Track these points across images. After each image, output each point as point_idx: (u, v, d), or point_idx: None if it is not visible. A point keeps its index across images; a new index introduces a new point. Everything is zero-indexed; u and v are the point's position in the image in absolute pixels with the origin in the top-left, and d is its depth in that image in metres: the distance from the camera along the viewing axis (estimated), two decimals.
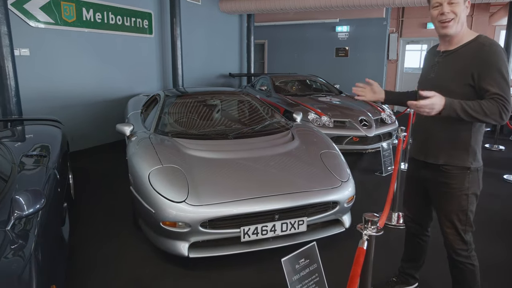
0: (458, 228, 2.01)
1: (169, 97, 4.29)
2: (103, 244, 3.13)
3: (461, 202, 1.98)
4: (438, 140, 1.98)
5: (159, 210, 2.64)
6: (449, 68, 1.90)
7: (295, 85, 7.97)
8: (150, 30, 6.99)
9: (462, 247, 2.03)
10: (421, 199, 2.23)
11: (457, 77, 1.86)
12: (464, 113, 1.75)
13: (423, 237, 2.36)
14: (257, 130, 3.79)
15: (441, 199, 2.05)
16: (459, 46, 1.90)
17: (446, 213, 2.03)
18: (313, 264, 2.28)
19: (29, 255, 1.65)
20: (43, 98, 5.19)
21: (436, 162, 1.99)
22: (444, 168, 1.98)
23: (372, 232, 1.43)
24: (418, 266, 2.46)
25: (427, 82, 2.03)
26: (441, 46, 1.99)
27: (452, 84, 1.87)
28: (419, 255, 2.42)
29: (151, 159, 3.00)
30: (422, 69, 2.20)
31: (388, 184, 4.71)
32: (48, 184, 2.45)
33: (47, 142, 3.26)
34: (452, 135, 1.94)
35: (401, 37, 11.00)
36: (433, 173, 2.04)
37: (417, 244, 2.38)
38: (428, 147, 2.04)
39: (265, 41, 12.05)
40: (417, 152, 2.12)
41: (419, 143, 2.11)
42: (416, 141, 2.16)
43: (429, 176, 2.07)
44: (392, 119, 6.38)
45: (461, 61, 1.86)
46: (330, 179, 3.05)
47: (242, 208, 2.64)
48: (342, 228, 3.07)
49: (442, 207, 2.06)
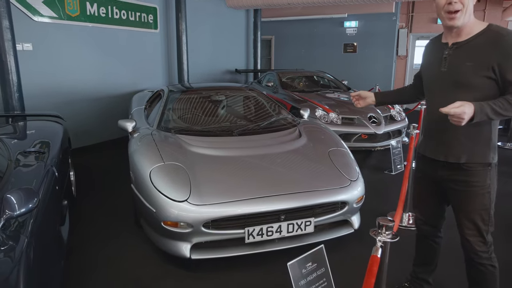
0: (481, 228, 1.89)
1: (173, 93, 4.18)
2: (104, 244, 3.05)
3: (483, 200, 1.87)
4: (459, 138, 1.86)
5: (160, 210, 2.54)
6: (463, 61, 1.78)
7: (302, 81, 7.83)
8: (155, 25, 6.89)
9: (483, 249, 1.92)
10: (433, 199, 2.11)
11: (473, 69, 1.75)
12: (495, 114, 1.66)
13: (436, 239, 2.24)
14: (263, 126, 3.67)
15: (462, 199, 1.93)
16: (470, 37, 1.78)
17: (467, 214, 1.91)
18: (321, 268, 2.16)
19: (19, 257, 1.55)
20: (46, 94, 5.11)
21: (458, 161, 1.87)
22: (466, 166, 1.86)
23: (386, 238, 1.31)
24: (431, 270, 2.34)
25: (438, 77, 1.90)
26: (448, 38, 1.87)
27: (468, 77, 1.77)
28: (432, 258, 2.30)
29: (153, 156, 2.89)
30: (424, 63, 2.06)
31: (398, 183, 4.58)
32: (45, 181, 2.36)
33: (47, 139, 3.18)
34: (473, 132, 1.82)
35: (411, 33, 10.78)
36: (452, 172, 1.92)
37: (430, 247, 2.26)
38: (448, 146, 1.90)
39: (272, 36, 11.90)
40: (435, 152, 1.97)
41: (436, 142, 1.97)
42: (432, 140, 2.01)
43: (447, 176, 1.95)
44: (402, 116, 6.22)
45: (477, 52, 1.74)
46: (338, 178, 2.92)
47: (246, 208, 2.52)
48: (351, 229, 2.95)
49: (462, 208, 1.94)
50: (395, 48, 10.59)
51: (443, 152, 1.92)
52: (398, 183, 4.61)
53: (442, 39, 1.92)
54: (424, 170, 2.09)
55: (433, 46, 2.01)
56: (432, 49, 2.01)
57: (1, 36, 4.17)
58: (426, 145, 2.05)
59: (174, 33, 7.24)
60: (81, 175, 4.50)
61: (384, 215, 3.55)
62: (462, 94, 1.74)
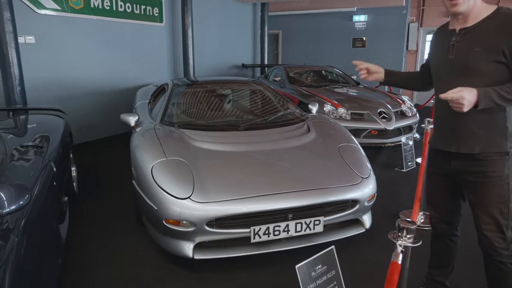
0: (501, 223, 1.76)
1: (177, 86, 4.06)
2: (105, 241, 2.94)
3: (502, 192, 1.75)
4: (471, 127, 1.76)
5: (162, 207, 2.42)
6: (472, 46, 1.71)
7: (310, 76, 7.67)
8: (161, 18, 6.77)
9: (503, 246, 1.78)
10: (448, 195, 2.00)
11: (482, 54, 1.68)
12: (502, 99, 1.60)
13: (453, 238, 2.10)
14: (270, 121, 3.53)
15: (478, 192, 1.81)
16: (478, 21, 1.71)
17: (484, 207, 1.79)
18: (331, 271, 2.03)
19: (6, 257, 1.44)
20: (49, 88, 5.02)
21: (471, 151, 1.77)
22: (481, 156, 1.76)
23: (408, 242, 1.17)
24: (448, 272, 2.19)
25: (446, 64, 1.81)
26: (455, 24, 1.79)
27: (477, 63, 1.69)
28: (449, 259, 2.16)
29: (155, 151, 2.78)
30: (432, 52, 1.97)
31: (409, 181, 4.44)
32: (42, 177, 2.25)
33: (47, 133, 3.08)
34: (486, 120, 1.74)
35: (421, 27, 10.53)
36: (467, 163, 1.81)
37: (446, 247, 2.12)
38: (460, 136, 1.80)
39: (279, 31, 11.72)
40: (446, 143, 1.87)
41: (447, 133, 1.87)
42: (443, 131, 1.91)
43: (461, 168, 1.84)
44: (413, 111, 6.03)
45: (486, 37, 1.67)
46: (349, 175, 2.78)
47: (252, 206, 2.39)
48: (362, 228, 2.81)
49: (479, 201, 1.82)
50: (405, 42, 10.35)
51: (455, 143, 1.82)
52: (409, 180, 4.47)
53: (450, 26, 1.84)
54: (437, 164, 1.98)
55: (440, 34, 1.93)
56: (440, 37, 1.93)
57: (2, 28, 4.08)
58: (438, 137, 1.95)
59: (180, 27, 7.11)
60: (84, 171, 4.41)
61: (396, 214, 3.44)
62: (471, 81, 1.66)
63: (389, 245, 2.85)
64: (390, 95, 6.50)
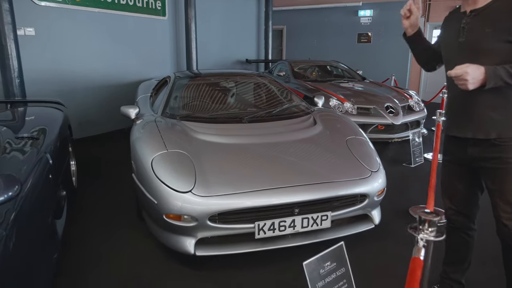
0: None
1: (179, 79, 3.95)
2: (105, 237, 2.84)
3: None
4: (486, 112, 1.70)
5: (162, 201, 2.31)
6: (482, 27, 1.69)
7: (315, 71, 7.53)
8: (164, 12, 6.66)
9: None
10: (465, 185, 1.91)
11: (493, 34, 1.65)
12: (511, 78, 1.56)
13: (470, 232, 1.99)
14: (274, 113, 3.41)
15: (497, 179, 1.74)
16: (488, 2, 1.69)
17: (502, 195, 1.72)
18: (340, 268, 1.92)
19: None
20: (49, 81, 4.93)
21: (488, 136, 1.70)
22: (498, 141, 1.70)
23: (430, 236, 1.06)
24: (464, 269, 2.08)
25: (457, 47, 1.77)
26: (465, 7, 1.78)
27: (487, 44, 1.67)
28: (465, 254, 2.05)
29: (156, 143, 2.67)
30: (442, 36, 1.91)
31: (418, 176, 4.32)
32: (36, 169, 2.15)
33: (44, 125, 2.98)
34: (502, 104, 1.68)
35: (428, 22, 10.34)
36: (483, 150, 1.75)
37: (463, 241, 2.01)
38: (475, 122, 1.74)
39: (284, 26, 11.59)
40: (461, 129, 1.80)
41: (462, 119, 1.80)
42: (457, 117, 1.83)
43: (478, 154, 1.77)
44: (421, 106, 5.89)
45: (497, 16, 1.65)
46: (358, 168, 2.66)
47: (257, 200, 2.28)
48: (371, 224, 2.69)
49: (498, 188, 1.74)
50: None
51: (470, 128, 1.76)
52: (418, 176, 4.34)
53: (461, 8, 1.82)
54: (453, 152, 1.90)
55: (451, 17, 1.90)
56: (451, 20, 1.88)
57: (1, 19, 3.99)
58: (452, 124, 1.87)
59: (183, 21, 7.00)
60: (84, 166, 4.32)
61: (405, 210, 3.32)
62: (481, 62, 1.60)
63: (400, 242, 2.76)
64: (397, 89, 6.36)
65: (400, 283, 2.27)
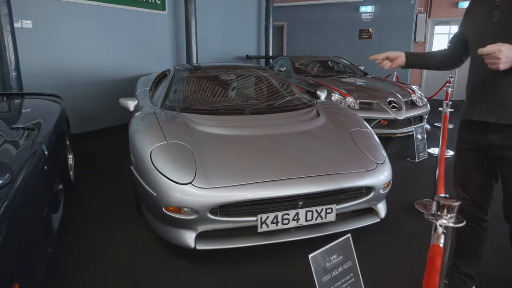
0: None
1: (179, 71, 3.87)
2: (103, 231, 2.77)
3: None
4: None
5: (161, 193, 2.24)
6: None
7: (317, 66, 7.46)
8: (163, 6, 6.57)
9: None
10: (480, 174, 1.83)
11: None
12: None
13: (483, 223, 1.91)
14: (276, 105, 3.33)
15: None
16: None
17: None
18: (347, 261, 1.84)
19: None
20: (46, 74, 4.85)
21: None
22: None
23: (449, 222, 0.98)
24: (475, 262, 2.01)
25: (490, 27, 1.67)
26: None
27: None
28: (477, 247, 1.97)
29: (155, 135, 2.59)
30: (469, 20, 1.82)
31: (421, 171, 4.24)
32: (31, 160, 2.07)
33: (40, 117, 2.90)
34: None
35: (429, 18, 10.26)
36: (505, 137, 1.66)
37: (475, 233, 1.94)
38: (500, 106, 1.64)
39: (284, 23, 11.49)
40: (483, 113, 1.71)
41: (485, 103, 1.70)
42: (479, 101, 1.74)
43: (499, 142, 1.68)
44: (424, 101, 5.82)
45: None
46: (363, 160, 2.58)
47: (259, 192, 2.20)
48: (376, 218, 2.61)
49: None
50: (413, 34, 10.10)
51: (493, 112, 1.66)
52: (422, 171, 4.27)
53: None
54: (470, 139, 1.81)
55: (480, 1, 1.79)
56: (479, 2, 1.78)
57: None
58: (472, 107, 1.77)
59: (183, 16, 6.92)
60: (82, 161, 4.24)
61: (410, 204, 3.24)
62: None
63: (406, 236, 2.68)
64: (400, 84, 6.29)
65: (408, 277, 2.21)
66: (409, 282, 2.19)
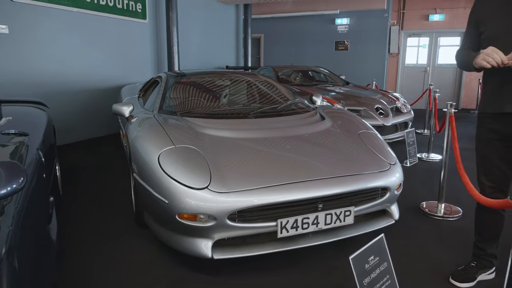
0: None
1: (173, 77, 3.72)
2: (101, 248, 2.53)
3: None
4: None
5: (174, 200, 2.08)
6: None
7: (299, 76, 7.48)
8: (144, 15, 6.41)
9: None
10: (506, 161, 1.92)
11: None
12: None
13: None
14: (280, 109, 3.25)
15: None
16: None
17: None
18: (383, 263, 1.75)
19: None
20: (24, 83, 4.55)
21: None
22: None
23: None
24: (498, 242, 2.11)
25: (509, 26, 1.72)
26: None
27: None
28: (499, 229, 2.08)
29: (160, 139, 2.43)
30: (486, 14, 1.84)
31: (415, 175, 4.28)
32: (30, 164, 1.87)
33: (30, 123, 2.67)
34: None
35: (402, 30, 10.64)
36: None
37: (499, 216, 2.05)
38: None
39: (262, 35, 11.57)
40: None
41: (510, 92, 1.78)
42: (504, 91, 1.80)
43: None
44: (408, 108, 5.93)
45: None
46: (377, 161, 2.53)
47: (280, 196, 2.09)
48: (391, 220, 2.56)
49: None
50: (387, 45, 10.42)
51: None
52: (416, 175, 4.31)
53: None
54: (498, 130, 1.89)
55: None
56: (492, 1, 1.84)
57: None
58: (502, 100, 1.81)
59: (164, 24, 6.78)
60: (66, 174, 3.97)
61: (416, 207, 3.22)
62: None
63: (419, 237, 2.64)
64: (383, 92, 6.39)
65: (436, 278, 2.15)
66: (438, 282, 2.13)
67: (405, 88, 10.88)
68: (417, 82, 10.76)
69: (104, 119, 5.72)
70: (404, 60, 10.90)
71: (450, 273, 2.16)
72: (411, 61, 10.85)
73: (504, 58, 1.63)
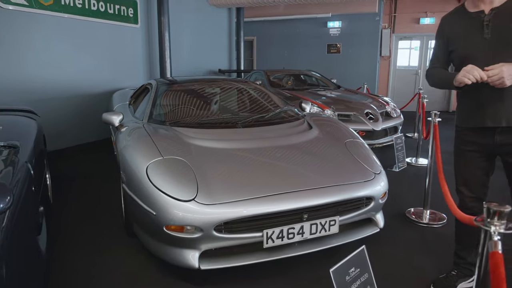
0: None
1: (163, 84, 3.75)
2: (92, 258, 2.56)
3: None
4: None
5: (161, 212, 2.12)
6: (507, 23, 1.78)
7: (291, 79, 7.54)
8: (136, 20, 6.42)
9: None
10: (484, 171, 2.02)
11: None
12: None
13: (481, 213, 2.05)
14: (267, 118, 3.30)
15: None
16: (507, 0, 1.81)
17: None
18: (363, 274, 1.81)
19: None
20: (14, 90, 4.55)
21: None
22: None
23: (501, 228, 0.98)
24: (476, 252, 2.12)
25: (482, 44, 1.84)
26: (481, 6, 1.85)
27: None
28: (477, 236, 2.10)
29: (149, 150, 2.47)
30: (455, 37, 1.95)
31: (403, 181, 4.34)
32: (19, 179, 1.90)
33: (19, 134, 2.69)
34: None
35: (393, 33, 10.74)
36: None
37: None
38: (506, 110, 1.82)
39: (254, 37, 11.61)
40: (495, 119, 1.85)
41: (494, 109, 1.85)
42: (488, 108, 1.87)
43: (507, 141, 1.87)
44: (397, 112, 6.01)
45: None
46: (362, 171, 2.59)
47: (266, 207, 2.14)
48: (376, 228, 2.61)
49: None
50: (379, 48, 10.50)
51: (502, 117, 1.84)
52: (404, 180, 4.38)
53: (470, 8, 1.90)
54: (476, 142, 1.97)
55: (459, 18, 1.96)
56: (461, 20, 1.94)
57: None
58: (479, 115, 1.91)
59: (156, 29, 6.80)
60: (56, 181, 3.99)
61: (401, 214, 3.29)
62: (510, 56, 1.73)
63: (403, 245, 2.70)
64: (373, 96, 6.47)
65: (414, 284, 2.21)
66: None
67: (397, 90, 10.99)
68: (409, 85, 10.86)
69: (96, 125, 5.73)
70: (396, 62, 11.00)
71: (432, 281, 2.23)
72: (403, 63, 10.96)
73: (483, 75, 1.70)
